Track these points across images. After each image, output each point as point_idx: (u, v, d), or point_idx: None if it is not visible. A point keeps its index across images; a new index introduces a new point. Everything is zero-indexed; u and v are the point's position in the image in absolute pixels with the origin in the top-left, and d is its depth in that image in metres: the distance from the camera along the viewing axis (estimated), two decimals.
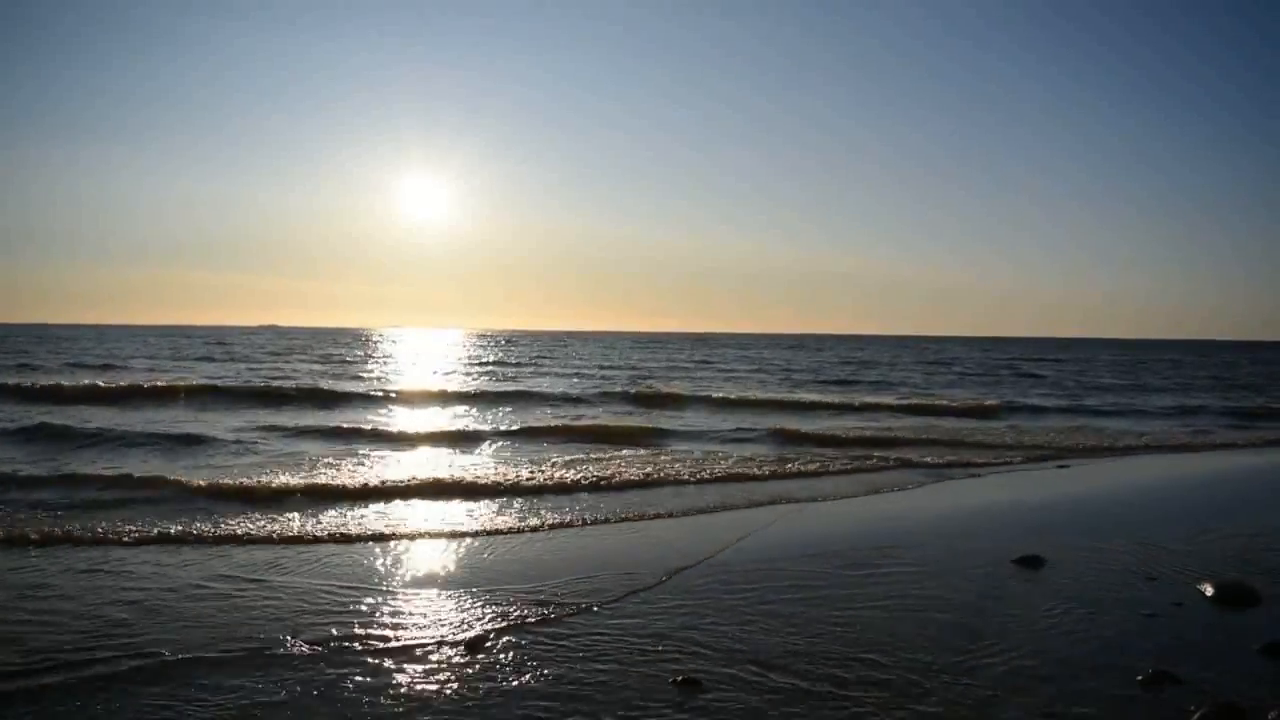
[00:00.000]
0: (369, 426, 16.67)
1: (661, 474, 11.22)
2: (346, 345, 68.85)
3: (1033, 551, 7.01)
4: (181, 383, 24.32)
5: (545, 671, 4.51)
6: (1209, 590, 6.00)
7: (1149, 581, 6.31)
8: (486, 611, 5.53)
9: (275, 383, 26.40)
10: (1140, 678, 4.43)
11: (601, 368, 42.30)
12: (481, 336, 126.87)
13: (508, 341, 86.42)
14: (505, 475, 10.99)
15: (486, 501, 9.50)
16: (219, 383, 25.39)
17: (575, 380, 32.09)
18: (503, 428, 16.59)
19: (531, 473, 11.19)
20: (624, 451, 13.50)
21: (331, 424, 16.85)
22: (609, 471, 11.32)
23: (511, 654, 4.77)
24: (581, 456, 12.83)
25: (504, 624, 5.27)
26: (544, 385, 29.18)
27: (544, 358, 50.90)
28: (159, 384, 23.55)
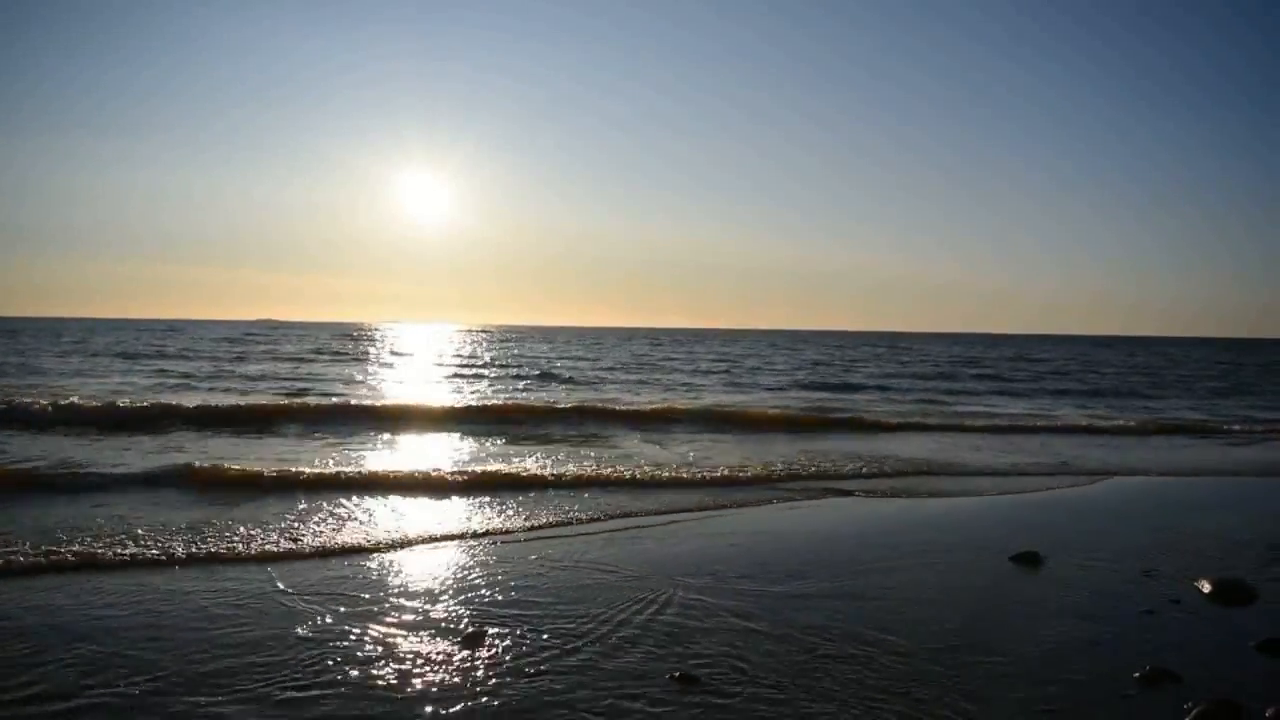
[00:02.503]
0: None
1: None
2: (316, 341, 64.72)
3: (1031, 549, 7.02)
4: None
5: (543, 666, 4.50)
6: (1206, 587, 6.01)
7: (1147, 578, 6.32)
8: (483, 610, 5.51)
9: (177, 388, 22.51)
10: (1138, 674, 4.43)
11: (572, 366, 38.91)
12: (471, 332, 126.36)
13: (500, 340, 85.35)
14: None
15: None
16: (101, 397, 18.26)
17: (526, 383, 28.97)
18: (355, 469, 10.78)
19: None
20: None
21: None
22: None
23: (509, 649, 4.76)
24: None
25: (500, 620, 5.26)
26: (477, 396, 23.03)
27: (523, 356, 47.54)
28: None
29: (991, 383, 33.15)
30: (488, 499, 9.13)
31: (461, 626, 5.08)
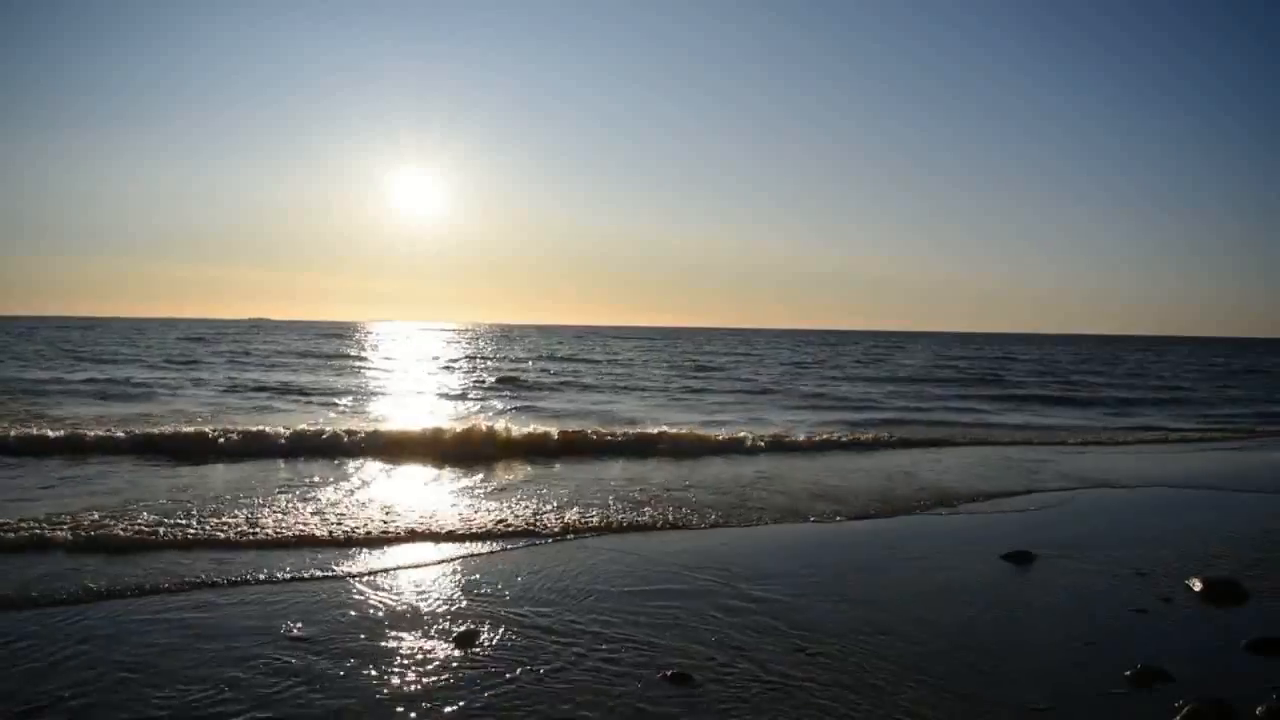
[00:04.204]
0: None
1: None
2: (287, 342, 59.47)
3: (1022, 547, 7.03)
4: None
5: (536, 665, 4.48)
6: (1198, 586, 6.03)
7: (1139, 577, 6.33)
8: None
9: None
10: (1129, 673, 4.44)
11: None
12: (455, 332, 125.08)
13: (479, 339, 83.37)
14: None
15: None
16: None
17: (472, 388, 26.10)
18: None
19: None
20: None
21: None
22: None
23: (501, 648, 4.74)
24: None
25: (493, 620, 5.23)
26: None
27: (491, 357, 44.42)
28: None
29: (962, 386, 30.84)
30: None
31: (452, 627, 5.06)
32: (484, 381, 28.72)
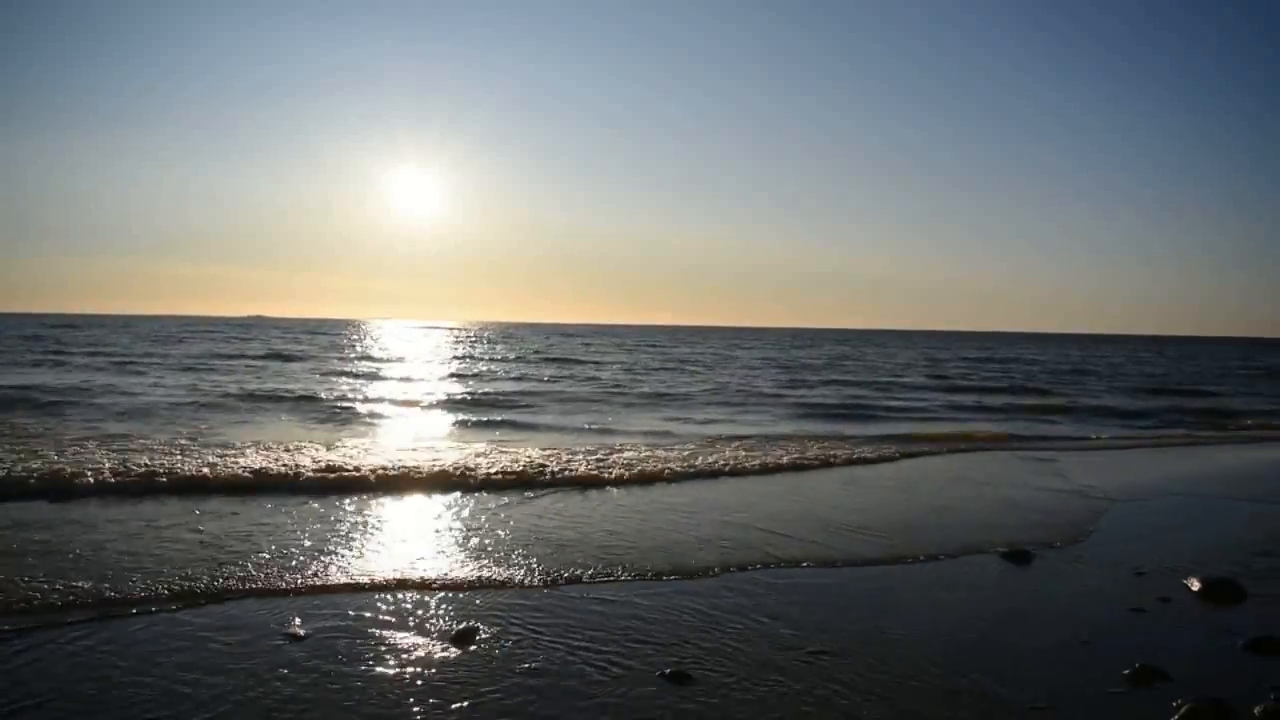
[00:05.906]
0: None
1: None
2: (267, 342, 54.92)
3: (1021, 546, 7.03)
4: None
5: (535, 664, 4.48)
6: (1196, 586, 6.03)
7: (1137, 577, 6.33)
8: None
9: None
10: (1127, 672, 4.43)
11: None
12: (452, 330, 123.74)
13: (481, 337, 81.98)
14: None
15: None
16: None
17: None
18: None
19: None
20: None
21: None
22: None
23: (499, 647, 4.73)
24: None
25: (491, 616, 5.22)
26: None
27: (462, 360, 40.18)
28: None
29: (949, 392, 28.80)
30: None
31: (451, 625, 5.06)
32: (436, 389, 24.62)
